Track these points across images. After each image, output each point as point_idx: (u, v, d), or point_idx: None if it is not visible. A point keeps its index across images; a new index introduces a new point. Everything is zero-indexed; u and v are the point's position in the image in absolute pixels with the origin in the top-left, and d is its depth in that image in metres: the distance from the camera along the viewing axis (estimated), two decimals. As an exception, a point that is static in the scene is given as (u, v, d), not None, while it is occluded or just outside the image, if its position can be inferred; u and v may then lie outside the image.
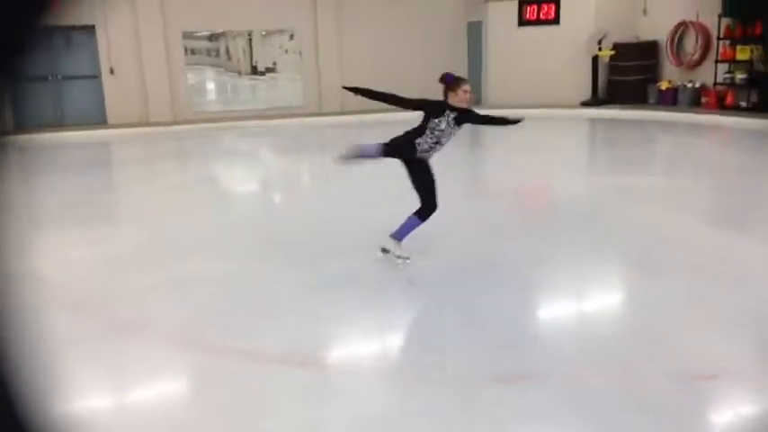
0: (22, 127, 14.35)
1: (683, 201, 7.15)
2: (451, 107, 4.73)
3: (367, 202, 6.89)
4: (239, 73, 17.42)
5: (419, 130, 4.73)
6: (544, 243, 5.46)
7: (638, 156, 10.36)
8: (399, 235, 4.88)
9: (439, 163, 4.84)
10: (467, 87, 4.78)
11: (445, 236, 5.46)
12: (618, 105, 15.29)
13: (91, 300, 4.31)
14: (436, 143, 4.75)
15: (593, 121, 14.76)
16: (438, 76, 4.84)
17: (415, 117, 4.73)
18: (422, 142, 4.72)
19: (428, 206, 4.82)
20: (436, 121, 4.68)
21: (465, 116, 4.78)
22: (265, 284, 4.59)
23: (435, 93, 4.82)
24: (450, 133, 4.76)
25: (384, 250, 4.93)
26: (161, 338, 3.73)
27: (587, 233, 5.77)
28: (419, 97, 4.84)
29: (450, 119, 4.69)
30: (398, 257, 4.90)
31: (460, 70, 17.44)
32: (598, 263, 5.07)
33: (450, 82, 4.79)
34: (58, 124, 14.73)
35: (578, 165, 10.02)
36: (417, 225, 4.85)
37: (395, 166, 4.82)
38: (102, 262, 5.17)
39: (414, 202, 4.73)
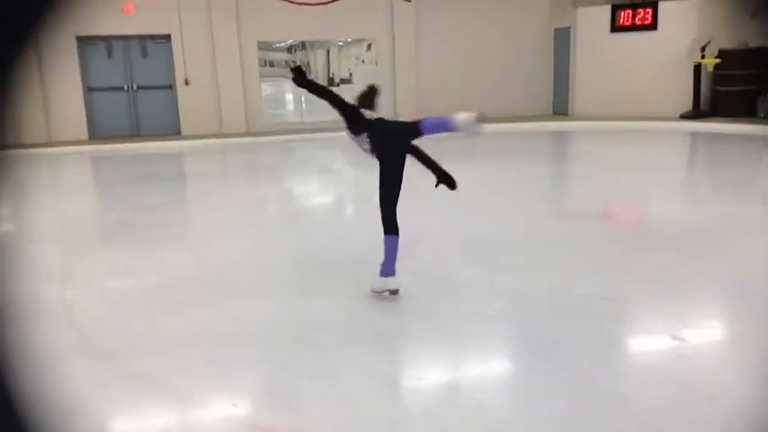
0: (97, 137, 14.42)
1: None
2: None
3: (451, 223, 6.14)
4: (316, 84, 17.09)
5: None
6: (636, 279, 4.56)
7: (748, 177, 9.14)
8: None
9: (523, 176, 4.05)
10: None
11: (525, 261, 4.65)
12: (722, 118, 13.94)
13: (113, 347, 3.75)
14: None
15: (694, 135, 13.46)
16: (522, 85, 4.16)
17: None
18: None
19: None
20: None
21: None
22: (316, 334, 3.89)
23: (515, 103, 4.08)
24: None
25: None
26: (179, 404, 3.12)
27: (689, 270, 4.83)
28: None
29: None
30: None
31: (546, 80, 16.46)
32: (701, 309, 4.14)
33: None
34: (133, 134, 14.72)
35: (678, 187, 8.90)
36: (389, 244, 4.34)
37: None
38: (138, 297, 4.65)
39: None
